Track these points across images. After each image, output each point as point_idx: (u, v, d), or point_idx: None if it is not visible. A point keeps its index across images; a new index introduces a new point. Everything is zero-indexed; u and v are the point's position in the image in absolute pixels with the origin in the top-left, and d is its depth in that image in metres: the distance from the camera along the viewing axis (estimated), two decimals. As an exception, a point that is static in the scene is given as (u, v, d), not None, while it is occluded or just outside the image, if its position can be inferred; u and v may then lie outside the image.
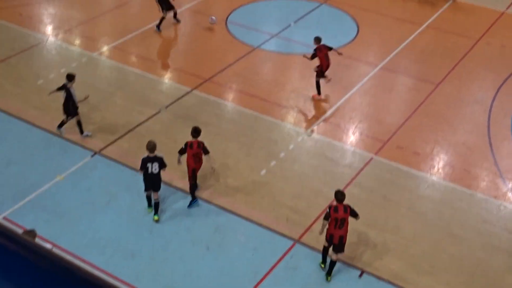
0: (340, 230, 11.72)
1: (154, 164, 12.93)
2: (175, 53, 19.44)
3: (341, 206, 11.70)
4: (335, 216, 11.63)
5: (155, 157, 12.92)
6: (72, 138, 15.63)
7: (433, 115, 16.89)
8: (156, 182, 13.15)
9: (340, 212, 11.63)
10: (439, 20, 21.61)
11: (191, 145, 13.33)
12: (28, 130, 15.91)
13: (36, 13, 21.36)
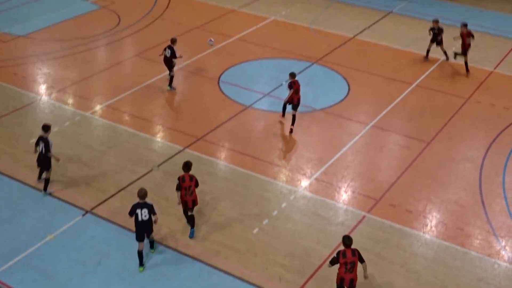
0: (351, 274, 12.06)
1: (144, 211, 13.13)
2: (167, 112, 19.56)
3: (349, 250, 12.10)
4: (345, 261, 12.01)
5: (145, 204, 13.13)
6: (64, 197, 15.56)
7: (425, 173, 16.95)
8: (147, 228, 13.31)
9: (349, 256, 12.02)
10: (429, 79, 21.89)
11: (183, 179, 14.06)
12: (19, 189, 15.84)
13: (30, 73, 21.53)
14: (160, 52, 21.43)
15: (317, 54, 23.41)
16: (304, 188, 16.25)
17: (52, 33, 24.53)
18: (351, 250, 12.10)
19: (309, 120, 19.25)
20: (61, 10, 26.57)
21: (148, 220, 13.17)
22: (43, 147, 15.34)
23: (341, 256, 12.04)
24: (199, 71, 21.98)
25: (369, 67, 22.65)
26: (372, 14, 27.32)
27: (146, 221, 13.16)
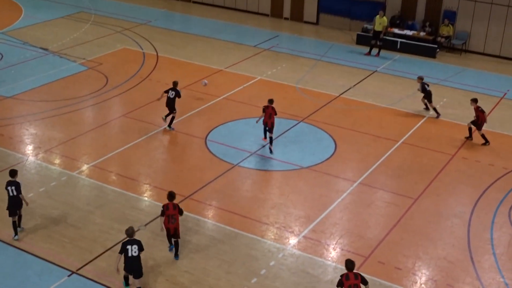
0: None
1: (134, 247, 13.84)
2: (154, 171, 19.53)
3: (352, 274, 12.97)
4: (348, 284, 12.88)
5: (134, 240, 13.91)
6: (49, 258, 15.36)
7: (413, 230, 16.92)
8: (136, 265, 13.90)
9: (351, 279, 12.90)
10: (414, 137, 22.08)
11: (167, 207, 15.12)
12: (3, 249, 15.62)
13: (17, 134, 21.52)
14: (159, 96, 22.18)
15: (303, 112, 23.63)
16: (292, 246, 16.15)
17: (39, 94, 24.64)
18: (353, 273, 12.96)
19: (296, 178, 19.28)
20: (48, 71, 26.76)
21: (137, 256, 13.86)
22: (14, 190, 15.80)
23: (344, 278, 12.95)
24: (186, 130, 22.07)
25: (355, 125, 22.84)
26: (357, 73, 27.73)
27: (136, 257, 13.85)
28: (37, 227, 16.56)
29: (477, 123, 21.58)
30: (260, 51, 30.35)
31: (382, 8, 30.83)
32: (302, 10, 34.87)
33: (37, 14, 35.03)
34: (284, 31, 33.65)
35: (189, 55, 29.36)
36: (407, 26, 31.34)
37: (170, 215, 15.01)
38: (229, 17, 35.25)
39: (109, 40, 31.08)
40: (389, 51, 30.67)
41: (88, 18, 34.50)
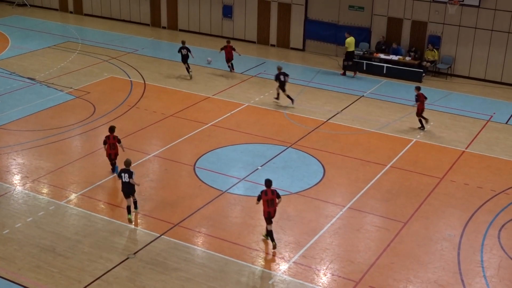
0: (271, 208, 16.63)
1: (125, 175, 17.90)
2: (143, 198, 19.44)
3: (269, 190, 16.73)
4: (266, 199, 16.59)
5: (128, 170, 17.98)
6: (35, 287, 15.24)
7: (403, 253, 16.90)
8: (130, 188, 18.04)
9: (269, 194, 16.63)
10: (402, 160, 22.16)
11: (266, 193, 16.77)
12: (-9, 282, 15.48)
13: (4, 164, 21.41)
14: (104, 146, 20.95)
15: (291, 138, 23.68)
16: (283, 272, 16.06)
17: (26, 123, 24.57)
18: (270, 190, 16.63)
19: (285, 204, 19.23)
20: (36, 101, 26.73)
21: (129, 182, 17.87)
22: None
23: (263, 194, 16.62)
24: (174, 158, 22.05)
25: (343, 150, 22.90)
26: (344, 98, 27.88)
27: (128, 182, 17.89)
28: (25, 257, 16.40)
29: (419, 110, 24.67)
30: (247, 77, 30.49)
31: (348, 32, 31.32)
32: (288, 36, 35.12)
33: (24, 44, 35.08)
34: (271, 58, 33.86)
35: (177, 83, 29.44)
36: (393, 51, 31.62)
37: (110, 144, 19.27)
38: (216, 44, 35.37)
39: (96, 69, 31.13)
40: (375, 76, 30.90)
41: (75, 48, 34.58)
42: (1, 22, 39.81)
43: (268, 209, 16.57)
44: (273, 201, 16.56)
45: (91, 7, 41.41)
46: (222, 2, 36.48)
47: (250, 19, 36.01)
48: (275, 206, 16.66)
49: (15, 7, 43.53)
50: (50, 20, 40.64)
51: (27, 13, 42.38)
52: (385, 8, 31.94)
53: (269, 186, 16.75)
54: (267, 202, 16.56)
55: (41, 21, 40.31)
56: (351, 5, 32.97)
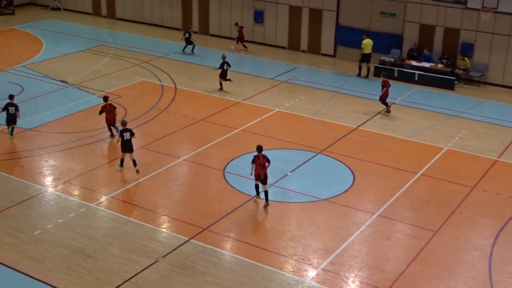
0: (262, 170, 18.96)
1: (127, 133, 20.71)
2: (172, 202, 19.54)
3: (261, 155, 19.03)
4: (258, 162, 18.92)
5: (127, 129, 20.80)
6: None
7: (433, 262, 16.73)
8: (129, 145, 20.82)
9: (260, 158, 18.95)
10: (433, 169, 21.96)
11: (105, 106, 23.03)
12: (22, 281, 15.64)
13: (36, 165, 21.68)
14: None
15: (321, 144, 23.61)
16: (311, 279, 16.01)
17: (59, 126, 24.86)
18: (262, 155, 18.95)
19: (314, 210, 19.20)
20: (68, 104, 27.04)
21: (129, 140, 20.70)
22: (14, 109, 23.12)
23: (255, 158, 18.93)
24: (204, 162, 22.12)
25: (373, 157, 22.77)
26: (375, 105, 27.72)
27: (129, 140, 20.70)
28: (56, 258, 16.58)
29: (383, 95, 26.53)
30: (277, 83, 30.51)
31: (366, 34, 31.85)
32: (319, 42, 35.06)
33: (58, 47, 35.52)
34: (302, 64, 33.83)
35: (207, 88, 29.55)
36: (425, 58, 31.39)
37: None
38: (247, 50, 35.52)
39: (128, 73, 31.40)
40: (407, 83, 30.69)
41: (107, 52, 34.93)
42: (36, 25, 40.39)
43: (259, 172, 19.01)
44: (263, 165, 18.99)
45: (123, 11, 41.81)
46: (254, 7, 36.56)
47: (281, 24, 36.03)
48: (265, 169, 19.02)
49: (50, 11, 44.13)
50: (83, 24, 41.11)
51: (61, 16, 42.93)
52: (417, 14, 31.73)
53: (260, 151, 19.14)
54: (259, 165, 18.97)
55: (74, 24, 40.80)
56: (383, 12, 32.82)
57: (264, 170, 19.04)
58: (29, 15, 43.17)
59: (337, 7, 34.11)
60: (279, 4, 35.70)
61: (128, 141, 20.76)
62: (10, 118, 23.41)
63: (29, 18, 42.18)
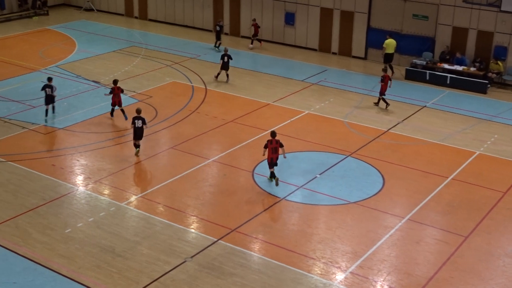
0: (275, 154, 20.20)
1: (139, 121, 22.10)
2: (202, 203, 19.61)
3: (274, 139, 20.14)
4: (271, 147, 20.06)
5: (140, 117, 22.20)
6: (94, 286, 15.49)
7: (463, 268, 16.54)
8: (140, 133, 22.31)
9: (274, 143, 20.06)
10: (464, 173, 21.72)
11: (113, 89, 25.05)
12: (53, 279, 15.83)
13: (68, 164, 21.93)
14: None
15: (351, 147, 23.51)
16: (339, 282, 15.94)
17: (90, 126, 25.12)
18: (275, 140, 20.06)
19: (344, 213, 19.12)
20: (100, 104, 27.30)
21: (141, 127, 22.16)
22: (52, 90, 25.42)
23: (269, 143, 20.07)
24: (233, 163, 22.17)
25: (403, 160, 22.60)
26: (406, 108, 27.53)
27: (140, 128, 22.15)
28: (86, 256, 16.75)
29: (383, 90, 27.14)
30: (308, 85, 30.45)
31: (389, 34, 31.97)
32: (350, 45, 34.93)
33: (90, 48, 35.90)
34: (332, 66, 33.73)
35: (238, 89, 29.63)
36: (457, 61, 31.08)
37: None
38: (277, 51, 35.53)
39: (159, 73, 31.61)
40: (438, 86, 30.43)
41: (139, 52, 35.21)
42: (69, 26, 40.87)
43: (272, 156, 20.22)
44: (276, 149, 20.14)
45: (155, 13, 42.10)
46: (285, 9, 36.56)
47: (312, 26, 35.97)
48: (277, 153, 20.18)
49: (83, 12, 44.62)
50: (116, 25, 41.50)
51: (94, 17, 43.39)
52: (450, 17, 31.43)
53: (274, 137, 20.25)
54: (272, 149, 20.13)
55: (107, 25, 41.21)
56: (415, 14, 32.57)
57: (276, 154, 20.23)
58: (63, 15, 43.72)
59: (369, 9, 33.95)
60: (310, 6, 35.65)
61: (140, 128, 22.17)
62: (48, 99, 25.67)
63: (63, 19, 42.71)
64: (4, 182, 20.61)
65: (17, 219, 18.46)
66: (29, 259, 16.60)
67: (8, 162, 21.92)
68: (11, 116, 25.79)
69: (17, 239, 17.47)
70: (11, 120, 25.45)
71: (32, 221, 18.37)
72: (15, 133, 24.29)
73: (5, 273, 16.04)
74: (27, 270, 16.17)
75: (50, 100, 25.70)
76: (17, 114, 26.03)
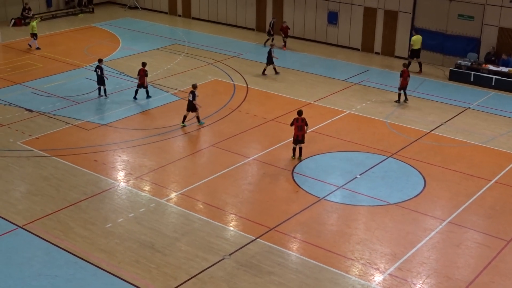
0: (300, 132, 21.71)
1: (190, 95, 24.44)
2: (241, 201, 19.66)
3: (300, 118, 21.80)
4: (297, 125, 21.64)
5: (191, 91, 24.35)
6: (135, 282, 15.68)
7: (504, 273, 16.25)
8: (190, 106, 24.62)
9: (299, 121, 21.69)
10: (508, 176, 21.33)
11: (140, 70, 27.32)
12: (93, 273, 16.06)
13: (110, 160, 22.22)
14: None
15: (392, 148, 23.30)
16: (377, 284, 15.82)
17: (132, 122, 25.41)
18: (300, 118, 21.60)
19: (383, 214, 18.96)
20: (142, 101, 27.59)
21: (191, 101, 24.42)
22: (101, 71, 27.32)
23: (295, 121, 21.64)
24: (273, 162, 22.17)
25: (445, 162, 22.31)
26: (449, 110, 27.17)
27: (191, 101, 24.41)
28: (126, 251, 16.95)
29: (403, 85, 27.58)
30: (349, 85, 30.27)
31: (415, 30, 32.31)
32: (393, 45, 34.62)
33: (134, 45, 36.30)
34: (375, 66, 33.47)
35: (279, 88, 29.62)
36: (503, 62, 30.53)
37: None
38: (320, 51, 35.44)
39: (201, 71, 31.79)
40: (483, 87, 29.95)
41: (181, 50, 35.47)
42: (114, 23, 41.41)
43: (297, 133, 21.67)
44: (302, 127, 21.58)
45: (199, 11, 42.36)
46: (328, 8, 36.41)
47: (355, 26, 35.75)
48: (303, 131, 21.64)
49: (127, 10, 45.15)
50: (159, 22, 41.88)
51: (138, 15, 43.87)
52: (496, 17, 30.90)
53: (300, 115, 21.76)
54: (297, 127, 21.59)
55: (150, 23, 41.62)
56: (460, 14, 32.10)
57: (302, 131, 21.65)
58: (108, 13, 44.31)
59: (413, 9, 33.58)
60: (354, 5, 35.44)
61: (190, 101, 24.47)
62: (98, 79, 27.72)
63: (107, 17, 43.29)
64: (48, 176, 20.99)
65: (59, 213, 18.79)
66: (70, 252, 16.88)
67: (52, 157, 22.31)
68: (55, 112, 26.24)
69: (59, 233, 17.78)
70: (55, 115, 25.89)
71: (73, 216, 18.67)
72: (59, 128, 24.72)
73: (47, 266, 16.34)
74: (68, 263, 16.44)
75: (100, 81, 27.57)
76: (61, 110, 26.48)
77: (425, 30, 33.25)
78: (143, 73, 27.28)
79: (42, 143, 23.41)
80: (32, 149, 22.86)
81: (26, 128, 24.66)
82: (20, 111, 26.30)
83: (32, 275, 15.96)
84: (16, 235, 17.71)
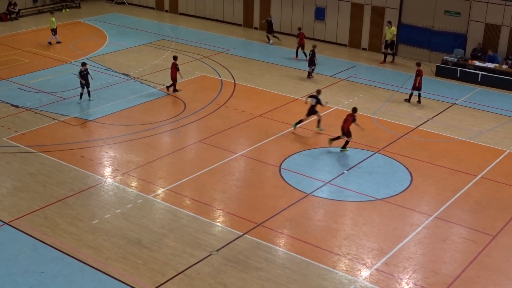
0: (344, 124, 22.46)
1: (313, 99, 24.02)
2: (228, 197, 19.67)
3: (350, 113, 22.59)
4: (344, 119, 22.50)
5: (315, 96, 24.21)
6: (122, 278, 15.66)
7: (490, 267, 16.37)
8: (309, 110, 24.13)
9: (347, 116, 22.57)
10: (494, 172, 21.47)
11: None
12: (81, 269, 16.01)
13: (97, 156, 22.15)
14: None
15: (379, 143, 23.38)
16: (364, 279, 15.89)
17: (119, 118, 25.33)
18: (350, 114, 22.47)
19: (370, 210, 19.03)
20: (129, 96, 27.51)
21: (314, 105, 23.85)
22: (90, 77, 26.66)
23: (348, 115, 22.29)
24: (260, 158, 22.18)
25: (431, 158, 22.41)
26: (435, 106, 27.29)
27: (313, 106, 24.01)
28: (113, 247, 16.92)
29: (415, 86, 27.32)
30: (337, 81, 30.33)
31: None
32: (380, 41, 34.66)
33: (121, 41, 36.17)
34: (362, 61, 33.54)
35: (266, 84, 29.62)
36: (489, 58, 30.70)
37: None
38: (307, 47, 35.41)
39: (189, 67, 31.73)
40: (469, 83, 30.09)
41: (168, 46, 35.39)
42: (101, 19, 41.23)
43: (343, 125, 22.51)
44: (346, 120, 22.22)
45: (186, 7, 42.26)
46: (315, 4, 36.44)
47: (342, 22, 35.81)
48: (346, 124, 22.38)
49: (114, 5, 44.97)
50: (146, 18, 41.76)
51: (125, 11, 43.70)
52: (482, 14, 31.05)
53: (353, 112, 22.46)
54: (344, 120, 22.40)
55: (137, 19, 41.48)
56: (447, 10, 32.23)
57: (345, 124, 22.41)
58: (94, 8, 44.12)
59: (400, 5, 33.66)
60: (341, 1, 35.49)
61: (312, 106, 24.10)
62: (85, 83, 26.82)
63: (94, 12, 43.11)
64: (34, 172, 20.90)
65: (46, 210, 18.72)
66: (57, 249, 16.83)
67: (38, 153, 22.21)
68: (42, 108, 26.12)
69: (46, 229, 17.72)
70: (42, 111, 25.77)
71: (60, 212, 18.61)
72: (45, 124, 24.61)
73: (34, 262, 16.28)
74: (55, 260, 16.39)
75: (86, 83, 26.81)
76: (48, 106, 26.37)
77: (411, 26, 33.37)
78: (173, 66, 27.75)
79: (29, 139, 23.30)
80: (19, 145, 22.76)
81: (12, 124, 24.53)
82: (6, 107, 26.16)
83: (19, 271, 15.90)
84: (2, 231, 17.63)
